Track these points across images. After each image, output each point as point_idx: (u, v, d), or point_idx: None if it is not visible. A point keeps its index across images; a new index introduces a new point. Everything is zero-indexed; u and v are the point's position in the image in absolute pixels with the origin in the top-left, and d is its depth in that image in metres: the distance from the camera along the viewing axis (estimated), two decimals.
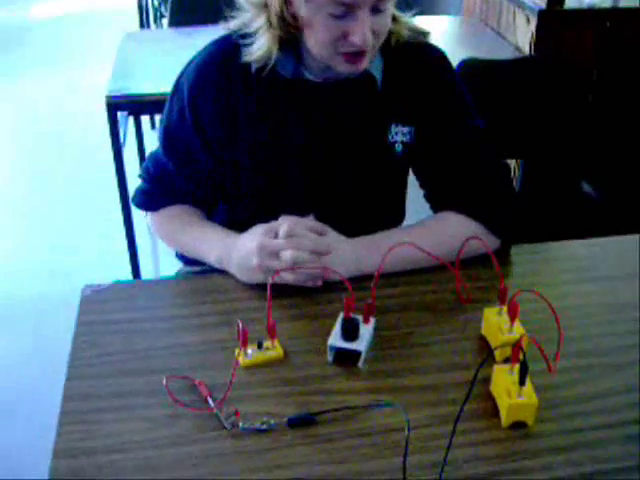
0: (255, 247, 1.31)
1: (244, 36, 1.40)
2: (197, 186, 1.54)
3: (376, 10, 1.28)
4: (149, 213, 1.60)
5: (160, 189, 1.57)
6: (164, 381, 1.12)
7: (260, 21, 1.36)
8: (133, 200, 1.62)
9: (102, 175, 3.37)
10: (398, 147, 1.49)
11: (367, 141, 1.49)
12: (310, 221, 1.36)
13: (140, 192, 1.61)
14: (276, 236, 1.32)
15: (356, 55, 1.32)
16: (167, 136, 1.53)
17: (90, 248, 3.39)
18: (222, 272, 1.41)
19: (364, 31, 1.27)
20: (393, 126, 1.48)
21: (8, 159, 4.35)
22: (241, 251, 1.36)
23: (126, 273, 2.93)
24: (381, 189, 1.56)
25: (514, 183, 1.57)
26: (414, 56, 1.46)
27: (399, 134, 1.48)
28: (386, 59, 1.45)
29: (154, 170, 1.58)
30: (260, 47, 1.37)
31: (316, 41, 1.33)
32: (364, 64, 1.35)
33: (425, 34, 1.47)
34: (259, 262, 1.31)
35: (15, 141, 4.56)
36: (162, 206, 1.57)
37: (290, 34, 1.35)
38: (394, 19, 1.40)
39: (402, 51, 1.45)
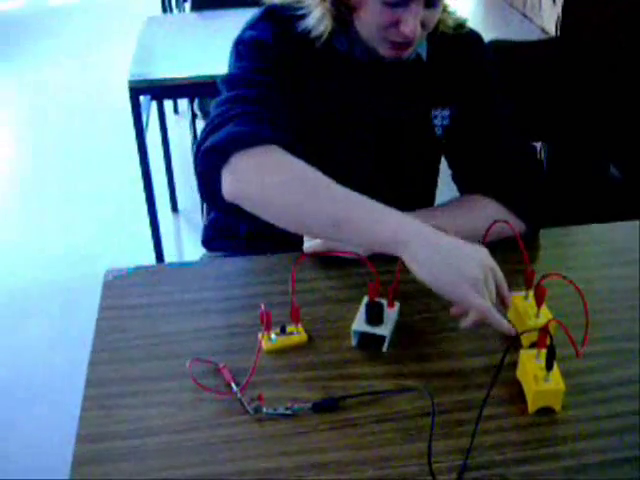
0: (486, 266, 1.13)
1: (293, 9, 1.38)
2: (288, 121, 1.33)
3: (430, 4, 1.28)
4: (243, 153, 1.20)
5: (267, 112, 1.26)
6: (188, 365, 1.12)
7: (318, 2, 1.35)
8: (203, 157, 1.24)
9: (125, 160, 3.38)
10: (439, 130, 1.49)
11: (412, 123, 1.48)
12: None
13: (225, 136, 1.22)
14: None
15: (403, 44, 1.32)
16: (257, 46, 1.37)
17: (113, 233, 3.40)
18: (242, 256, 1.39)
19: (415, 23, 1.27)
20: (434, 110, 1.48)
21: (31, 145, 4.37)
22: (459, 252, 1.13)
23: (149, 258, 2.94)
24: (418, 172, 1.56)
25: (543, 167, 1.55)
26: (455, 40, 1.46)
27: (439, 117, 1.48)
28: (430, 42, 1.45)
29: (247, 92, 1.29)
30: (313, 20, 1.36)
31: (366, 24, 1.32)
32: (409, 52, 1.35)
33: (463, 25, 1.47)
34: (490, 265, 1.14)
35: (38, 127, 4.58)
36: (264, 141, 1.21)
37: (342, 12, 1.34)
38: (445, 9, 1.40)
39: (444, 35, 1.45)
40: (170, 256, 3.07)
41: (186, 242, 3.30)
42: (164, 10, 4.59)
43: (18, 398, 2.51)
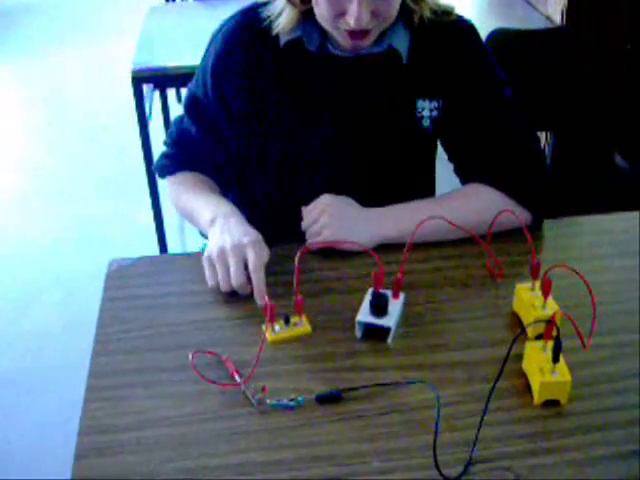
0: (229, 242, 1.27)
1: (268, 5, 1.39)
2: (218, 154, 1.53)
3: None
4: (168, 177, 1.58)
5: (180, 153, 1.56)
6: (191, 357, 1.11)
7: None
8: (155, 166, 1.61)
9: (128, 149, 3.37)
10: (426, 122, 1.46)
11: (393, 116, 1.46)
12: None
13: (162, 156, 1.60)
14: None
15: (357, 33, 1.31)
16: (192, 102, 1.53)
17: (116, 223, 3.40)
18: None
19: (358, 13, 1.25)
20: (420, 101, 1.45)
21: (33, 134, 4.36)
22: (223, 235, 1.30)
23: (152, 248, 2.93)
24: (409, 165, 1.54)
25: (545, 155, 1.54)
26: (441, 29, 1.43)
27: (426, 109, 1.45)
28: (413, 33, 1.42)
29: (176, 133, 1.57)
30: (283, 18, 1.36)
31: (319, 14, 1.32)
32: (367, 41, 1.34)
33: (449, 13, 1.44)
34: (218, 256, 1.27)
35: (40, 115, 4.56)
36: (180, 170, 1.56)
37: (301, 6, 1.34)
38: (416, 0, 1.37)
39: (429, 25, 1.41)
40: (173, 246, 3.07)
41: (188, 232, 3.28)
42: None
43: (21, 388, 2.51)
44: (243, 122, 1.47)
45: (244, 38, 1.43)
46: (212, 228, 1.34)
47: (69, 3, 6.30)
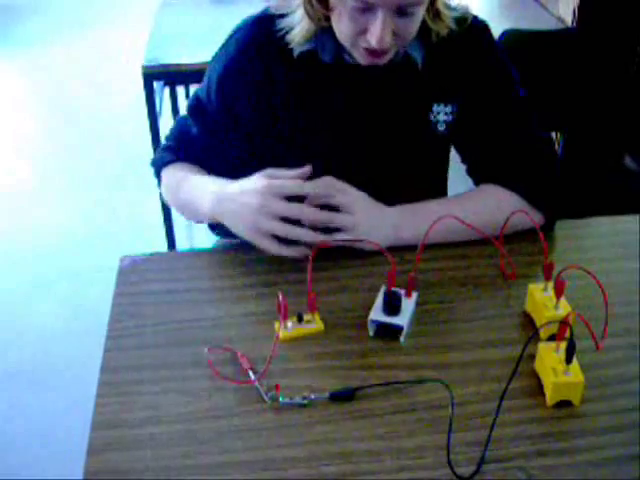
0: (255, 206, 1.25)
1: (284, 16, 1.38)
2: (217, 156, 1.52)
3: (402, 12, 1.23)
4: (162, 170, 1.53)
5: (177, 147, 1.54)
6: (206, 352, 1.11)
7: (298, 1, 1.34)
8: (152, 161, 1.57)
9: (138, 146, 3.36)
10: (441, 126, 1.46)
11: (409, 122, 1.46)
12: (323, 181, 1.31)
13: (158, 150, 1.58)
14: (279, 196, 1.26)
15: (376, 51, 1.29)
16: (196, 102, 1.52)
17: (124, 218, 3.40)
18: None
19: (382, 33, 1.22)
20: (435, 106, 1.44)
21: (42, 129, 4.36)
22: (238, 202, 1.28)
23: (161, 244, 2.94)
24: (423, 169, 1.54)
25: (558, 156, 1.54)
26: (456, 33, 1.41)
27: (441, 113, 1.45)
28: (427, 44, 1.41)
29: (177, 130, 1.57)
30: (299, 30, 1.35)
31: (339, 30, 1.31)
32: (385, 59, 1.32)
33: (466, 20, 1.41)
34: (254, 222, 1.25)
35: (51, 111, 4.57)
36: (176, 161, 1.52)
37: (321, 19, 1.32)
38: (438, 16, 1.35)
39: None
40: (181, 242, 3.07)
41: (196, 228, 3.28)
42: None
43: (32, 383, 2.52)
44: (251, 130, 1.47)
45: (257, 48, 1.42)
46: (221, 208, 1.32)
47: None
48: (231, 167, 1.51)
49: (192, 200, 1.41)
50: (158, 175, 1.56)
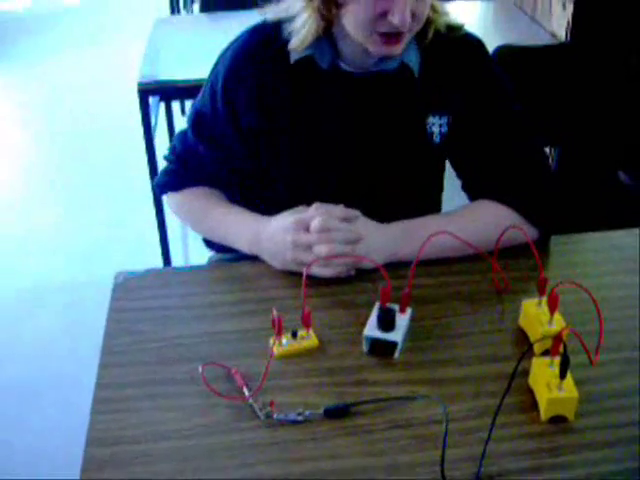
0: (289, 242, 1.31)
1: (282, 24, 1.39)
2: (225, 170, 1.53)
3: None
4: (170, 194, 1.58)
5: (186, 169, 1.56)
6: (200, 369, 1.11)
7: (305, 1, 1.34)
8: (156, 183, 1.60)
9: (133, 161, 3.37)
10: (436, 138, 1.46)
11: (404, 132, 1.46)
12: (340, 209, 1.35)
13: (164, 172, 1.59)
14: (307, 229, 1.31)
15: (393, 37, 1.29)
16: (198, 119, 1.52)
17: (120, 233, 3.40)
18: (253, 260, 1.40)
19: (405, 11, 1.23)
20: (430, 117, 1.45)
21: (38, 145, 4.37)
22: (273, 241, 1.35)
23: (156, 259, 2.93)
24: (418, 180, 1.54)
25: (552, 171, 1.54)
26: (451, 45, 1.44)
27: (436, 124, 1.45)
28: (423, 50, 1.42)
29: (181, 150, 1.57)
30: (303, 32, 1.35)
31: (355, 19, 1.29)
32: (400, 47, 1.32)
33: (459, 28, 1.44)
34: (293, 257, 1.32)
35: (46, 127, 4.57)
36: (186, 186, 1.55)
37: (330, 16, 1.32)
38: (433, 9, 1.37)
39: (438, 41, 1.42)
40: (177, 257, 3.07)
41: (191, 242, 3.29)
42: (172, 11, 4.58)
43: (26, 398, 2.51)
44: (253, 138, 1.48)
45: (254, 55, 1.43)
46: (259, 248, 1.39)
47: (75, 13, 6.33)
48: (239, 181, 1.55)
49: (225, 236, 1.48)
50: (163, 193, 1.60)
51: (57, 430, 2.33)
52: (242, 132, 1.47)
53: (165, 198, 1.62)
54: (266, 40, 1.42)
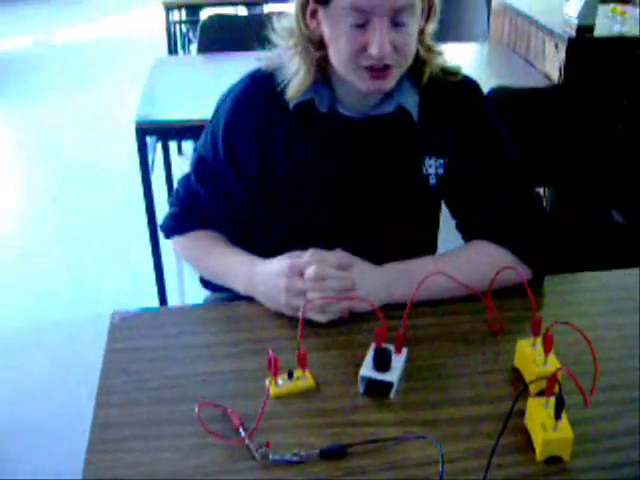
0: (282, 287, 1.33)
1: (278, 70, 1.42)
2: (227, 214, 1.55)
3: (395, 23, 1.29)
4: (175, 237, 1.61)
5: (189, 213, 1.58)
6: (196, 410, 1.11)
7: (292, 47, 1.38)
8: (161, 227, 1.63)
9: (130, 200, 3.39)
10: (432, 179, 1.48)
11: (402, 175, 1.48)
12: (335, 256, 1.36)
13: (169, 217, 1.62)
14: (302, 274, 1.32)
15: (379, 71, 1.32)
16: (200, 164, 1.55)
17: (116, 272, 3.40)
18: (249, 300, 1.41)
19: (382, 42, 1.27)
20: (427, 159, 1.47)
21: (35, 185, 4.38)
22: (267, 284, 1.37)
23: (152, 299, 2.93)
24: (414, 222, 1.56)
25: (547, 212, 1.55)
26: (448, 88, 1.46)
27: (433, 167, 1.47)
28: (421, 93, 1.45)
29: (184, 194, 1.59)
30: (297, 79, 1.38)
31: (339, 57, 1.33)
32: (387, 82, 1.35)
33: (456, 72, 1.47)
34: (286, 301, 1.33)
35: (43, 166, 4.60)
36: (190, 230, 1.58)
37: (317, 58, 1.36)
38: (428, 49, 1.40)
39: (437, 84, 1.44)
40: (173, 296, 3.07)
41: (188, 282, 3.29)
42: (170, 52, 4.63)
43: (21, 437, 2.49)
44: (253, 183, 1.50)
45: (253, 100, 1.46)
46: (254, 290, 1.41)
47: (72, 54, 6.39)
48: (240, 223, 1.57)
49: (223, 276, 1.50)
50: (168, 237, 1.64)
51: (52, 470, 2.31)
52: (243, 178, 1.49)
53: (171, 241, 1.64)
54: (265, 87, 1.44)
